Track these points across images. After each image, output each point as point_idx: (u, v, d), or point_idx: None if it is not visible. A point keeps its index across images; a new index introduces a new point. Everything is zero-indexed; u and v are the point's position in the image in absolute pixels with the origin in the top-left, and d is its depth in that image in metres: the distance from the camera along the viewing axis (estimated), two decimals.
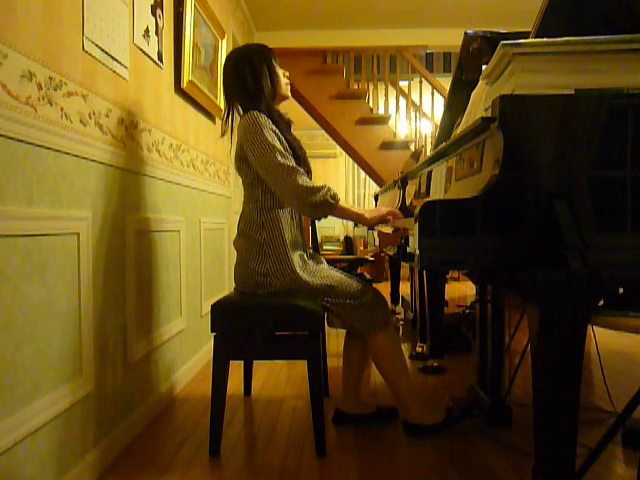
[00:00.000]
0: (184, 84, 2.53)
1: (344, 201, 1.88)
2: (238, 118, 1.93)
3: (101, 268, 1.70)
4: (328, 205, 1.76)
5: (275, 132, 1.80)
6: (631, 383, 2.44)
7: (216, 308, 1.81)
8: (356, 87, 5.21)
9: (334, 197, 1.77)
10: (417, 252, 1.24)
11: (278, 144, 1.78)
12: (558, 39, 1.29)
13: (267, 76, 1.88)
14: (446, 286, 3.15)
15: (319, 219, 1.87)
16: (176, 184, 2.47)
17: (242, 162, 1.88)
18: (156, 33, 2.22)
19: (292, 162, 1.77)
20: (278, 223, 1.86)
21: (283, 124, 1.89)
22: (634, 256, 1.20)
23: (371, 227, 2.63)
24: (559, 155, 1.20)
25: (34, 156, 1.35)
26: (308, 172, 1.90)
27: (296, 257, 1.85)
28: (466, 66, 2.27)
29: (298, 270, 1.82)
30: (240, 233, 1.94)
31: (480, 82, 1.74)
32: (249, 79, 1.87)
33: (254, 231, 1.86)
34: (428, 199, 1.75)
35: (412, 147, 5.10)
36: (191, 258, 2.72)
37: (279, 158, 1.75)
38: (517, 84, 1.30)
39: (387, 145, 5.09)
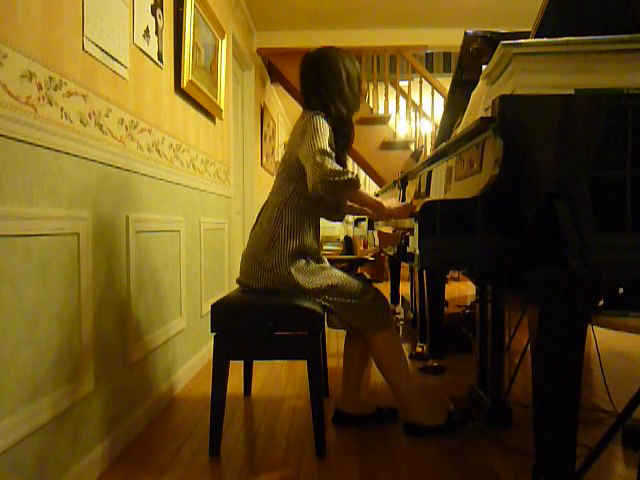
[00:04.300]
0: (184, 84, 2.53)
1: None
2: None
3: (101, 268, 1.70)
4: (353, 185, 1.73)
5: (330, 141, 1.81)
6: (631, 383, 2.44)
7: (216, 308, 1.81)
8: None
9: (357, 178, 1.74)
10: (417, 252, 1.24)
11: (328, 135, 1.78)
12: (558, 39, 1.29)
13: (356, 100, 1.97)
14: (446, 286, 3.14)
15: (338, 215, 1.90)
16: (176, 184, 2.47)
17: (289, 153, 1.88)
18: (156, 33, 2.22)
19: (330, 149, 1.75)
20: (297, 223, 1.86)
21: (343, 138, 1.94)
22: (634, 256, 1.20)
23: (371, 227, 2.63)
24: (559, 155, 1.20)
25: (34, 156, 1.35)
26: None
27: (299, 260, 1.85)
28: (466, 66, 2.27)
29: (294, 272, 1.82)
30: (258, 223, 1.96)
31: (480, 82, 1.74)
32: (346, 90, 1.91)
33: (271, 223, 1.87)
34: (428, 199, 1.74)
35: (412, 147, 5.10)
36: (191, 258, 2.72)
37: (321, 141, 1.74)
38: (517, 84, 1.30)
39: (387, 145, 5.09)
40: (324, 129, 1.78)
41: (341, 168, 1.73)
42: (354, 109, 1.97)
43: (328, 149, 1.74)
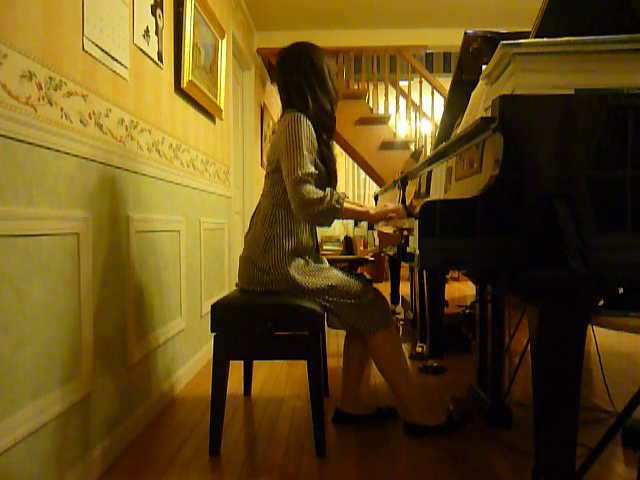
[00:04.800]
0: (184, 84, 2.53)
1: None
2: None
3: (101, 268, 1.70)
4: (334, 211, 1.75)
5: (312, 141, 1.80)
6: (631, 383, 2.44)
7: (216, 308, 1.81)
8: (356, 87, 5.21)
9: (339, 201, 1.76)
10: (417, 252, 1.24)
11: (307, 152, 1.76)
12: (558, 39, 1.29)
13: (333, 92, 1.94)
14: (446, 286, 3.14)
15: (326, 226, 1.87)
16: (176, 184, 2.47)
17: (274, 155, 1.86)
18: (156, 33, 2.22)
19: (309, 169, 1.74)
20: (291, 223, 1.86)
21: (326, 132, 1.91)
22: (634, 256, 1.20)
23: (371, 227, 2.63)
24: (559, 155, 1.20)
25: (34, 156, 1.35)
26: (333, 184, 1.92)
27: (297, 260, 1.85)
28: (466, 66, 2.27)
29: (293, 272, 1.81)
30: (252, 226, 1.95)
31: (480, 82, 1.74)
32: (330, 84, 1.90)
33: (266, 225, 1.87)
34: (428, 199, 1.75)
35: (412, 147, 5.10)
36: (191, 258, 2.72)
37: (300, 161, 1.73)
38: (517, 84, 1.30)
39: (387, 145, 5.09)
40: (304, 137, 1.76)
41: (321, 194, 1.73)
42: (336, 103, 1.96)
43: (307, 170, 1.73)
